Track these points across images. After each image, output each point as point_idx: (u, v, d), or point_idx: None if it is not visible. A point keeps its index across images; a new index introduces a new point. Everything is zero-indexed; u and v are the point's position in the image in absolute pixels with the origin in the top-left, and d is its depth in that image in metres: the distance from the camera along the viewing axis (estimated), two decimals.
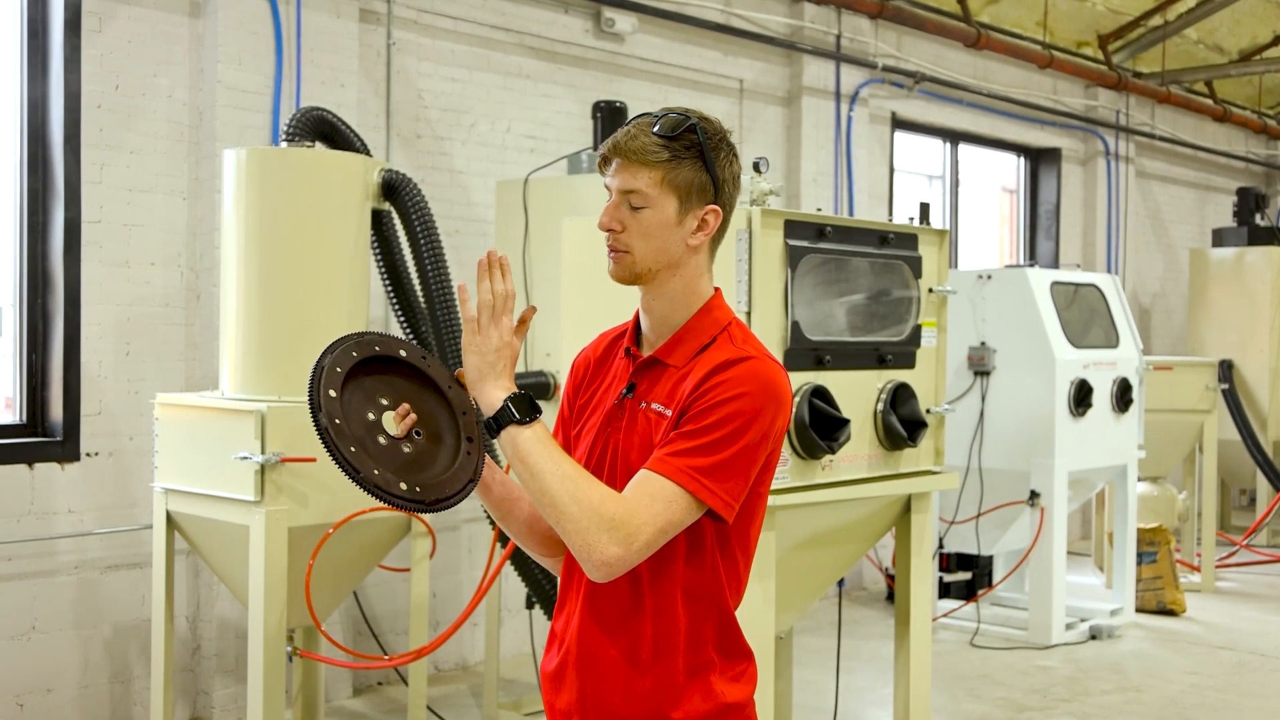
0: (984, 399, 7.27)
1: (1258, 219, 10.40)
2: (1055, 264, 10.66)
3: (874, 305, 4.46)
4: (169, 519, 4.59)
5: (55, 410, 5.27)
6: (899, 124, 9.33)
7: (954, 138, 10.09)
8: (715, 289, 2.24)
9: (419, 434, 2.15)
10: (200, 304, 5.61)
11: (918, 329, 4.52)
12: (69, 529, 5.25)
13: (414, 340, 4.86)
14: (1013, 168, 11.02)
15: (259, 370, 4.44)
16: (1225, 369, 9.63)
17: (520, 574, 5.35)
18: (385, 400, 2.16)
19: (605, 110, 5.79)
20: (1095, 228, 11.12)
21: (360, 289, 4.63)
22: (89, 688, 5.32)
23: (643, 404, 2.17)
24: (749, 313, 3.98)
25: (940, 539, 7.46)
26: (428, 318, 4.88)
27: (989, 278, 7.38)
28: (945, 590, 7.78)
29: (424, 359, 2.20)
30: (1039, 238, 11.00)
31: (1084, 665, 6.81)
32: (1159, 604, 7.99)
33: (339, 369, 2.12)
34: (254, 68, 5.66)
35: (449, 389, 2.19)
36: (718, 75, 7.89)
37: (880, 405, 4.36)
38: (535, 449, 2.03)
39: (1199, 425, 8.87)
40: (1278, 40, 12.08)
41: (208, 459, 4.33)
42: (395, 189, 4.72)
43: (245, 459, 4.14)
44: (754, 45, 8.04)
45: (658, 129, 2.12)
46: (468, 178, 6.61)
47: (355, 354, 2.16)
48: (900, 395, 4.40)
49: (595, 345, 2.36)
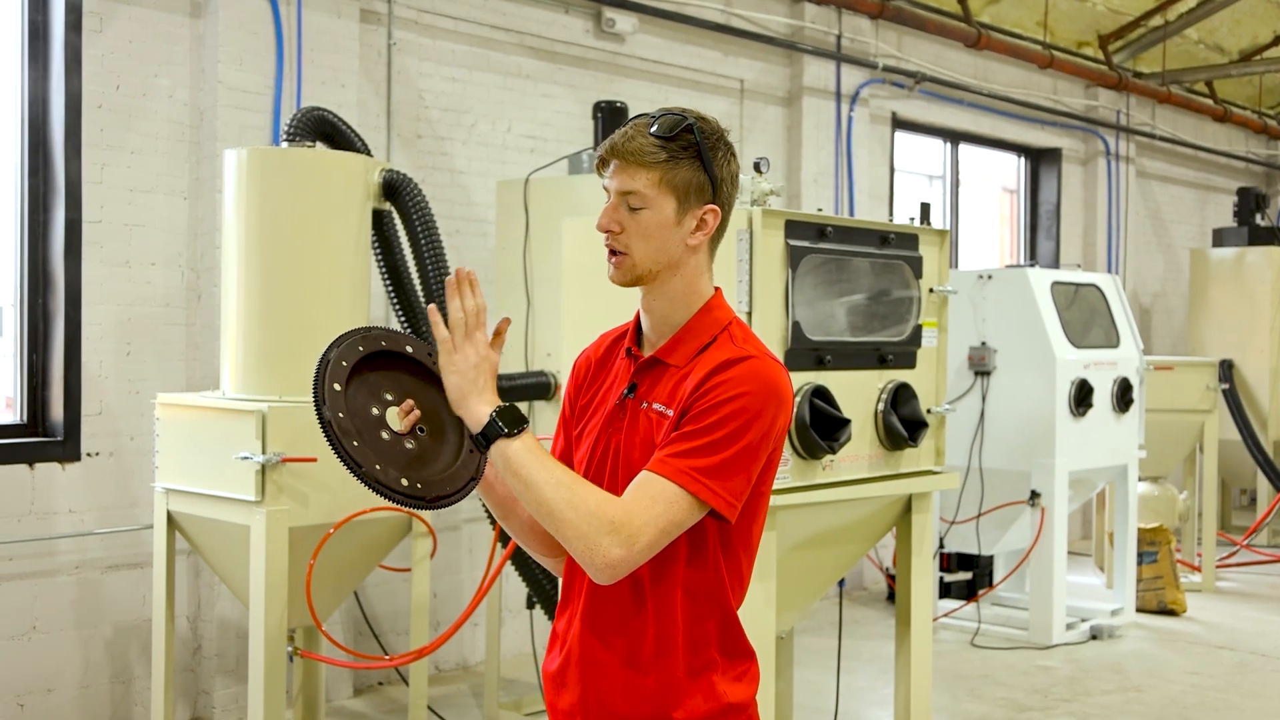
0: (984, 399, 7.27)
1: (1258, 219, 10.40)
2: (1056, 264, 10.66)
3: (875, 305, 4.46)
4: (170, 519, 4.59)
5: (56, 410, 5.28)
6: (899, 124, 9.33)
7: (954, 138, 10.09)
8: (715, 288, 2.24)
9: (422, 430, 2.15)
10: (201, 304, 5.61)
11: (918, 329, 4.52)
12: (70, 529, 5.25)
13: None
14: (1013, 168, 11.02)
15: (260, 370, 4.44)
16: (1226, 369, 9.63)
17: (521, 574, 5.36)
18: (390, 396, 2.16)
19: (606, 110, 5.79)
20: (1096, 228, 11.12)
21: (361, 289, 4.63)
22: (89, 688, 5.32)
23: (644, 404, 2.17)
24: (750, 313, 3.98)
25: (941, 539, 7.46)
26: (428, 318, 4.88)
27: (989, 278, 7.38)
28: (946, 590, 7.78)
29: (430, 355, 2.20)
30: (1039, 238, 11.00)
31: (1085, 665, 6.81)
32: (1160, 604, 7.99)
33: (344, 363, 2.12)
34: (255, 68, 5.66)
35: None
36: (718, 75, 7.89)
37: (881, 405, 4.36)
38: (526, 460, 2.01)
39: (1199, 425, 8.87)
40: (1278, 40, 12.08)
41: (208, 459, 4.33)
42: (396, 189, 4.72)
43: (246, 459, 4.14)
44: (754, 45, 8.03)
45: (655, 130, 2.12)
46: (468, 178, 6.61)
47: (361, 348, 2.15)
48: (901, 395, 4.40)
49: (596, 346, 2.36)
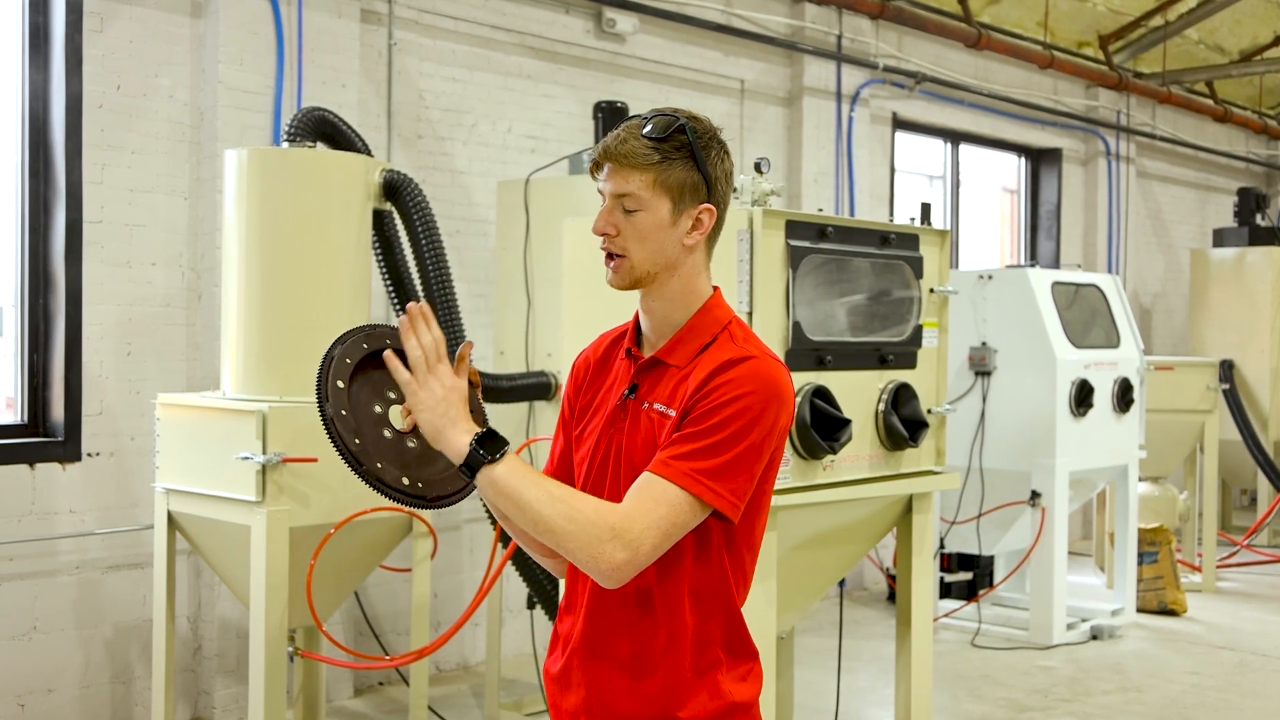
0: (985, 399, 7.27)
1: (1258, 219, 10.40)
2: (1056, 264, 10.66)
3: (875, 305, 4.46)
4: (170, 519, 4.59)
5: (56, 410, 5.28)
6: (900, 124, 9.33)
7: (955, 138, 10.09)
8: (714, 288, 2.24)
9: None
10: (201, 304, 5.61)
11: (919, 329, 4.52)
12: (70, 529, 5.25)
13: None
14: (1013, 168, 11.02)
15: (260, 370, 4.44)
16: (1226, 369, 9.63)
17: (521, 574, 5.36)
18: (393, 394, 2.16)
19: (606, 110, 5.79)
20: (1096, 228, 11.12)
21: (361, 289, 4.63)
22: (90, 688, 5.32)
23: (645, 405, 2.17)
24: (750, 313, 3.98)
25: (941, 539, 7.46)
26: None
27: (990, 278, 7.38)
28: (946, 590, 7.77)
29: None
30: (1040, 238, 11.00)
31: (1085, 665, 6.81)
32: (1160, 604, 7.99)
33: (348, 360, 2.12)
34: (255, 68, 5.66)
35: None
36: (719, 76, 7.89)
37: (881, 405, 4.36)
38: (514, 482, 2.00)
39: (1200, 425, 8.87)
40: (1278, 40, 12.08)
41: (209, 459, 4.33)
42: (396, 189, 4.73)
43: (246, 459, 4.14)
44: (755, 46, 8.03)
45: (647, 131, 2.12)
46: (469, 178, 6.61)
47: (366, 346, 2.15)
48: (901, 395, 4.40)
49: (595, 346, 2.36)
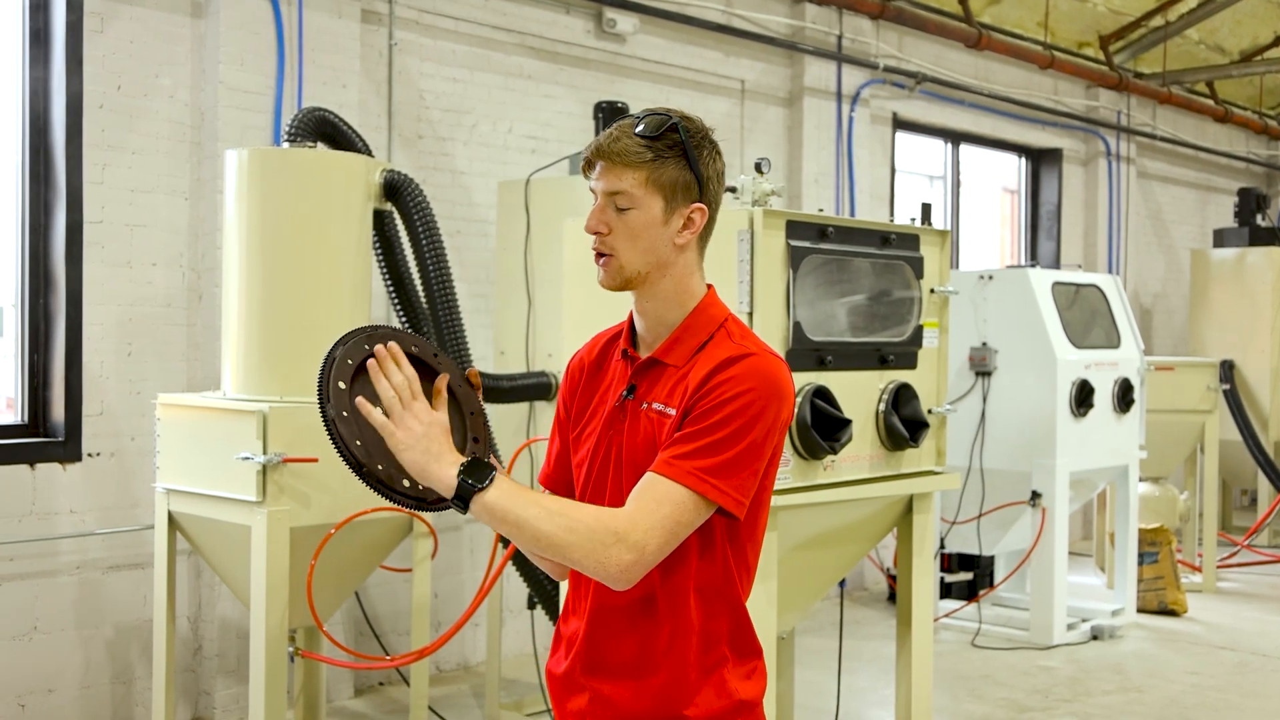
0: (985, 399, 7.27)
1: (1259, 219, 10.41)
2: (1056, 264, 10.66)
3: (875, 306, 4.45)
4: (170, 519, 4.59)
5: (57, 410, 5.28)
6: (900, 124, 9.33)
7: (955, 138, 10.09)
8: (708, 286, 2.24)
9: None
10: (202, 304, 5.61)
11: (919, 329, 4.52)
12: (70, 529, 5.25)
13: None
14: (1014, 168, 11.02)
15: (261, 370, 4.44)
16: (1226, 369, 9.63)
17: (522, 574, 5.36)
18: None
19: (607, 111, 5.79)
20: (1096, 228, 11.12)
21: (362, 289, 4.63)
22: (90, 688, 5.32)
23: (644, 405, 2.17)
24: (751, 313, 3.98)
25: (942, 539, 7.46)
26: (429, 318, 4.89)
27: (990, 278, 7.38)
28: (947, 590, 7.78)
29: (435, 356, 2.19)
30: (1040, 238, 11.00)
31: (1085, 665, 6.81)
32: (1160, 604, 7.99)
33: (350, 361, 2.11)
34: (256, 68, 5.67)
35: (459, 387, 2.19)
36: (719, 76, 7.89)
37: (882, 405, 4.36)
38: (508, 505, 2.01)
39: (1200, 425, 8.87)
40: (1279, 41, 12.07)
41: (209, 459, 4.33)
42: (397, 189, 4.72)
43: (247, 459, 4.14)
44: (755, 46, 8.04)
45: (640, 130, 2.13)
46: (469, 178, 6.61)
47: (367, 347, 2.14)
48: (902, 395, 4.40)
49: (590, 347, 2.36)
